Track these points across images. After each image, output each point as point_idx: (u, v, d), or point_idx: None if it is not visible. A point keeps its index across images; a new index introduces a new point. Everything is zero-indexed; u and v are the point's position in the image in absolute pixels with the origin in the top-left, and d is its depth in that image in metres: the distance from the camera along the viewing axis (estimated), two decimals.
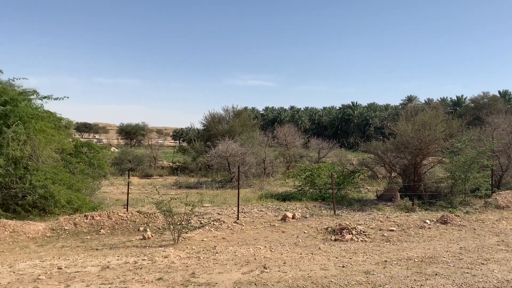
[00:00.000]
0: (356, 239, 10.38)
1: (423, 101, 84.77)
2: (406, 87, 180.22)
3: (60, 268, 7.17)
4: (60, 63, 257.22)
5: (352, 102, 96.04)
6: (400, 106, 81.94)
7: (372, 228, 11.67)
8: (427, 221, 12.43)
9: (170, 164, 37.83)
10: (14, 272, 6.98)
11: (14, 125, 13.04)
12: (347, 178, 18.28)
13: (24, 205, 12.90)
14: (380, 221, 12.66)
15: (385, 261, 7.92)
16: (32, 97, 15.16)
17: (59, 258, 8.18)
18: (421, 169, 18.00)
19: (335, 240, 10.46)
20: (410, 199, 16.26)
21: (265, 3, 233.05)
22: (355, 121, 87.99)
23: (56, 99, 15.31)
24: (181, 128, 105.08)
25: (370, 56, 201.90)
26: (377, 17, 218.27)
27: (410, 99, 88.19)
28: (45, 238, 10.50)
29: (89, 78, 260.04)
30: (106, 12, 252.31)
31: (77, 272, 6.97)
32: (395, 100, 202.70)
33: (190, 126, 79.63)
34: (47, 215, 13.26)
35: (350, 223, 11.64)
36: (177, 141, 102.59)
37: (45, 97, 15.23)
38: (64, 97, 15.38)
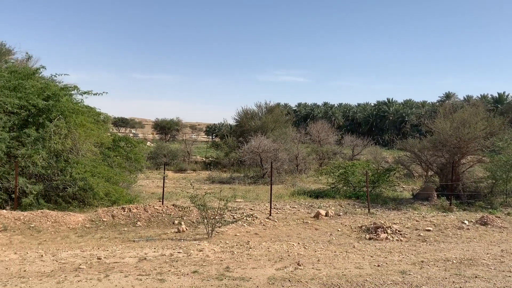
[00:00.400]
0: (391, 238, 10.20)
1: (462, 98, 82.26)
2: (444, 83, 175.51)
3: (100, 259, 7.41)
4: (99, 59, 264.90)
5: (387, 99, 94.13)
6: (437, 103, 79.66)
7: (407, 228, 11.44)
8: (466, 221, 12.07)
9: (203, 159, 38.29)
10: (56, 261, 7.27)
11: (56, 120, 13.54)
12: (382, 176, 17.97)
13: (65, 196, 13.40)
14: (416, 221, 12.38)
15: (422, 261, 7.76)
16: (73, 92, 15.72)
17: (98, 248, 8.45)
18: (459, 168, 17.46)
19: (370, 238, 10.32)
20: (447, 198, 15.82)
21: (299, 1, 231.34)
22: (391, 118, 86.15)
23: (95, 94, 15.83)
24: (214, 124, 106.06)
25: (406, 52, 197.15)
26: (414, 12, 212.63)
27: (448, 95, 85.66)
28: (85, 229, 10.87)
29: (127, 74, 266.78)
30: (143, 11, 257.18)
31: (116, 262, 7.19)
32: (432, 97, 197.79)
33: (222, 122, 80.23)
34: (86, 206, 13.71)
35: (385, 222, 11.46)
36: (210, 137, 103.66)
37: (85, 93, 15.76)
38: (103, 92, 15.90)
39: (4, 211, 11.33)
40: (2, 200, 12.42)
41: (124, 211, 12.03)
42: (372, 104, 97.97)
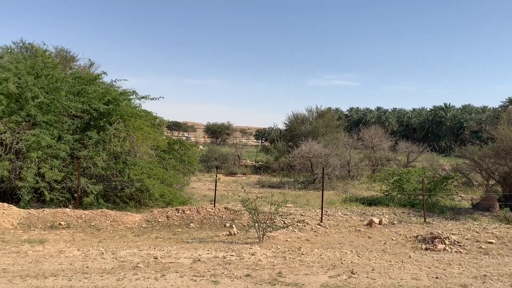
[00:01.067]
0: (449, 250, 9.75)
1: None
2: (506, 87, 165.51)
3: (156, 258, 7.66)
4: (155, 66, 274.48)
5: (444, 104, 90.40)
6: (500, 109, 75.43)
7: (467, 239, 10.90)
8: None
9: (253, 163, 38.62)
10: (116, 259, 7.59)
11: (115, 123, 14.16)
12: (439, 184, 17.25)
13: (123, 196, 13.97)
14: (476, 232, 11.77)
15: (484, 275, 7.36)
16: (131, 97, 16.37)
17: (154, 248, 8.73)
18: None
19: (426, 249, 9.92)
20: (511, 210, 14.91)
21: (348, 2, 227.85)
22: (448, 123, 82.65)
23: (152, 99, 16.37)
24: (264, 128, 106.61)
25: (463, 55, 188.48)
26: (472, 13, 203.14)
27: (511, 100, 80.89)
28: (141, 228, 11.25)
29: (180, 80, 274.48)
30: (195, 19, 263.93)
31: (171, 263, 7.39)
32: (493, 101, 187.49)
33: (273, 126, 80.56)
34: (142, 207, 14.22)
35: (442, 232, 10.98)
36: (260, 141, 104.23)
37: (142, 97, 16.37)
38: (160, 97, 16.40)
39: (67, 209, 11.98)
40: (65, 199, 13.14)
41: (178, 212, 12.35)
42: (428, 109, 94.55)
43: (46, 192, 12.41)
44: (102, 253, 8.09)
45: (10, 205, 11.61)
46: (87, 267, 7.02)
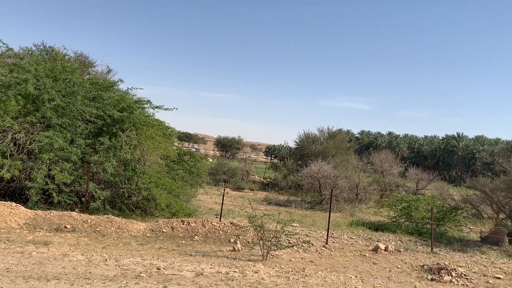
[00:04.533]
0: (456, 282, 9.57)
1: None
2: None
3: (159, 269, 7.62)
4: (170, 76, 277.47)
5: (457, 133, 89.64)
6: None
7: (474, 272, 10.69)
8: None
9: (261, 179, 38.50)
10: (119, 266, 7.57)
11: (128, 130, 14.29)
12: (448, 214, 16.99)
13: (129, 204, 14.00)
14: (484, 266, 11.55)
15: None
16: (145, 105, 16.54)
17: (157, 258, 8.69)
18: None
19: (432, 280, 9.75)
20: None
21: (364, 26, 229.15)
22: (460, 153, 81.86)
23: (166, 109, 16.57)
24: (274, 145, 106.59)
25: (478, 86, 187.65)
26: (490, 45, 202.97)
27: None
28: (145, 237, 11.24)
29: (193, 92, 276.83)
30: (213, 34, 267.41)
31: (174, 274, 7.34)
32: (506, 134, 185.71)
33: (283, 144, 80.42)
34: (147, 216, 14.22)
35: (449, 264, 10.79)
36: (269, 157, 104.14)
37: (157, 107, 16.54)
38: (174, 108, 16.58)
39: (74, 213, 12.03)
40: (72, 203, 13.21)
41: (183, 224, 12.32)
42: (440, 138, 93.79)
43: (55, 194, 12.50)
44: (106, 259, 8.07)
45: (18, 204, 11.70)
46: (90, 272, 7.01)
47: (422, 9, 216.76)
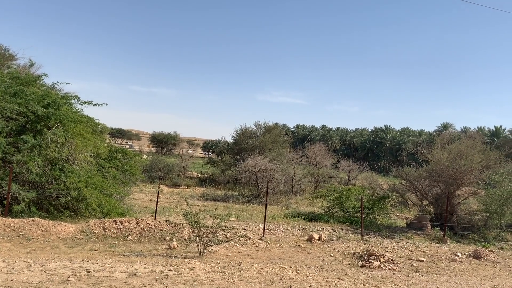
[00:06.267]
0: (384, 267, 10.12)
1: (459, 129, 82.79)
2: (441, 113, 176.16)
3: (89, 272, 7.29)
4: (99, 70, 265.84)
5: (385, 125, 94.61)
6: (435, 133, 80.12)
7: (400, 257, 11.37)
8: (459, 254, 12.01)
9: (199, 175, 38.19)
10: (45, 272, 7.14)
11: (54, 128, 13.51)
12: (377, 203, 17.92)
13: (57, 205, 13.28)
14: (409, 250, 12.31)
15: None
16: (73, 101, 15.73)
17: (88, 261, 8.32)
18: (454, 199, 17.48)
19: (362, 266, 10.24)
20: (441, 229, 15.78)
21: (300, 24, 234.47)
22: (387, 144, 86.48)
23: (95, 105, 15.81)
24: (211, 140, 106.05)
25: (404, 80, 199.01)
26: (413, 41, 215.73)
27: (445, 126, 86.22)
28: (75, 239, 10.73)
29: (126, 86, 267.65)
30: (143, 23, 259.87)
31: (105, 277, 7.07)
32: (429, 126, 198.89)
33: (220, 139, 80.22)
34: (77, 217, 13.58)
35: (378, 250, 11.38)
36: (207, 153, 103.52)
37: (85, 103, 15.78)
38: (104, 103, 15.87)
39: None
40: None
41: (115, 224, 11.91)
42: (369, 130, 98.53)
43: None
44: (30, 265, 7.59)
45: None
46: (12, 280, 6.55)
47: (354, 10, 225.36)
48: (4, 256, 8.34)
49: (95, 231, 11.35)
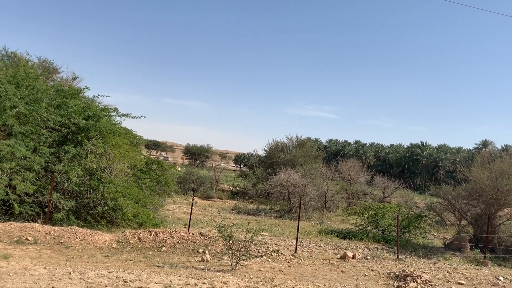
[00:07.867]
0: None
1: (499, 147, 79.87)
2: (479, 130, 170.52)
3: (125, 282, 7.42)
4: (136, 83, 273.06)
5: (421, 142, 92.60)
6: (474, 150, 77.61)
7: (438, 279, 10.98)
8: (501, 278, 11.48)
9: (231, 188, 38.39)
10: (84, 280, 7.33)
11: (94, 139, 13.95)
12: (413, 222, 17.43)
13: (94, 214, 13.62)
14: (447, 272, 11.88)
15: None
16: (112, 113, 16.20)
17: (124, 271, 8.48)
18: (495, 220, 16.78)
19: (398, 287, 9.95)
20: (481, 251, 15.14)
21: (334, 37, 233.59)
22: (424, 161, 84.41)
23: (134, 117, 16.24)
24: (243, 153, 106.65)
25: (442, 96, 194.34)
26: (451, 57, 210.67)
27: (485, 144, 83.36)
28: (111, 249, 10.96)
29: (161, 99, 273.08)
30: (180, 39, 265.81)
31: (141, 287, 7.17)
32: (467, 143, 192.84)
33: (252, 152, 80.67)
34: (113, 226, 13.87)
35: (414, 270, 11.05)
36: (238, 166, 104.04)
37: (124, 115, 16.22)
38: (141, 116, 16.28)
39: (36, 224, 11.61)
40: (35, 214, 12.75)
41: (150, 234, 12.10)
42: (405, 146, 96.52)
43: (16, 204, 12.01)
44: (70, 272, 7.81)
45: None
46: (53, 287, 6.75)
47: (388, 24, 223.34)
48: (45, 263, 8.62)
49: (130, 241, 11.56)
